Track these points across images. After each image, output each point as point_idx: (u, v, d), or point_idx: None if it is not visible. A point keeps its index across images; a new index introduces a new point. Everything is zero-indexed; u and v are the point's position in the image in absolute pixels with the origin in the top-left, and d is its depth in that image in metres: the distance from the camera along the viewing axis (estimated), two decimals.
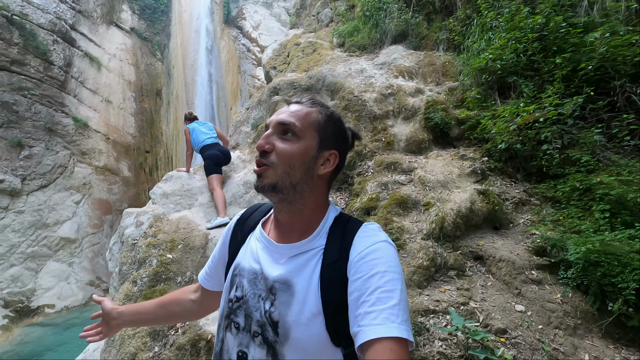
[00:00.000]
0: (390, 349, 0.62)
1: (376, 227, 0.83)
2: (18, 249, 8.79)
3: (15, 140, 9.14)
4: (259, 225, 0.94)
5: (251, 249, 0.89)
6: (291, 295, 0.76)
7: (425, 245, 2.78)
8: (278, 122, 0.82)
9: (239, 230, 0.98)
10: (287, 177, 0.79)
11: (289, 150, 0.80)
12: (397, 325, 0.64)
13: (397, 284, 0.70)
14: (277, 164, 0.79)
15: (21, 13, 9.80)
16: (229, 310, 0.85)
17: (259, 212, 1.00)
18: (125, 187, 11.86)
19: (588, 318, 2.25)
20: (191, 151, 4.61)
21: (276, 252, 0.83)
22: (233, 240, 0.98)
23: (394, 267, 0.72)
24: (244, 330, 0.80)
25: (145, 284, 3.20)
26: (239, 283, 0.85)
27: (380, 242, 0.76)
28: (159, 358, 2.67)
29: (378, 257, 0.73)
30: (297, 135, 0.81)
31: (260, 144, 0.81)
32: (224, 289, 0.90)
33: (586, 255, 2.27)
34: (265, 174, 0.80)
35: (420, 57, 5.75)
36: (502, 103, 3.93)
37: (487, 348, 1.98)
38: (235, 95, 14.25)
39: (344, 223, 0.85)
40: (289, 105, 0.87)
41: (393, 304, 0.66)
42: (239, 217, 1.02)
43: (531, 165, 3.37)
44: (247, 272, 0.85)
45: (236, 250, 0.93)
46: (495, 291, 2.49)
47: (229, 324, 0.84)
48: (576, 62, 3.36)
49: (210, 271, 1.04)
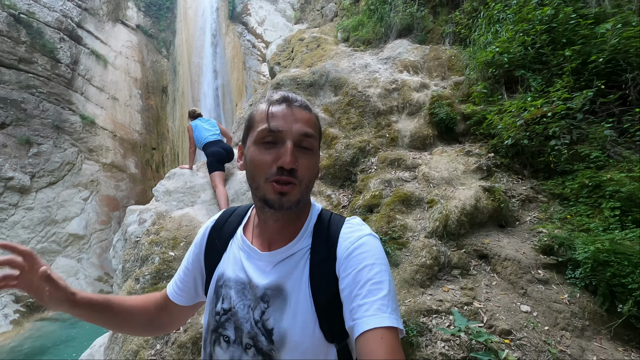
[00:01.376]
0: (381, 337, 0.63)
1: (358, 221, 0.83)
2: (28, 245, 8.92)
3: (24, 137, 9.27)
4: (239, 232, 0.89)
5: (234, 257, 0.85)
6: (284, 299, 0.75)
7: (428, 244, 2.73)
8: (300, 134, 0.75)
9: (216, 238, 0.92)
10: (307, 191, 0.78)
11: (312, 167, 0.78)
12: (387, 315, 0.65)
13: (385, 275, 0.71)
14: (303, 180, 0.75)
15: (28, 11, 9.87)
16: (216, 323, 0.81)
17: (235, 216, 0.95)
18: (132, 184, 11.95)
19: (596, 319, 2.18)
20: (194, 148, 4.60)
21: (262, 262, 0.80)
22: (210, 248, 0.92)
23: (381, 259, 0.73)
24: (234, 343, 0.78)
25: (148, 281, 3.20)
26: (225, 294, 0.81)
27: (365, 236, 0.77)
28: (161, 356, 2.67)
29: (365, 250, 0.74)
30: (314, 147, 0.78)
31: (290, 162, 0.72)
32: (208, 301, 0.86)
33: (595, 254, 2.20)
34: (291, 192, 0.74)
35: (426, 51, 5.64)
36: (509, 97, 3.84)
37: (491, 350, 1.93)
38: (241, 92, 14.23)
39: (327, 220, 0.84)
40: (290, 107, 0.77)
41: (383, 294, 0.68)
42: (213, 223, 0.96)
43: (538, 162, 3.28)
44: (234, 282, 0.82)
45: (216, 259, 0.88)
46: (500, 291, 2.43)
47: (217, 337, 0.81)
48: (586, 54, 3.25)
49: (182, 284, 0.94)
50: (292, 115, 0.76)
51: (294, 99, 0.79)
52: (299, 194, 0.75)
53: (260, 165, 0.74)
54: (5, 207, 8.74)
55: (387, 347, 0.62)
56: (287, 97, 0.79)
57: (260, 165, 0.74)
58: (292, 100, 0.78)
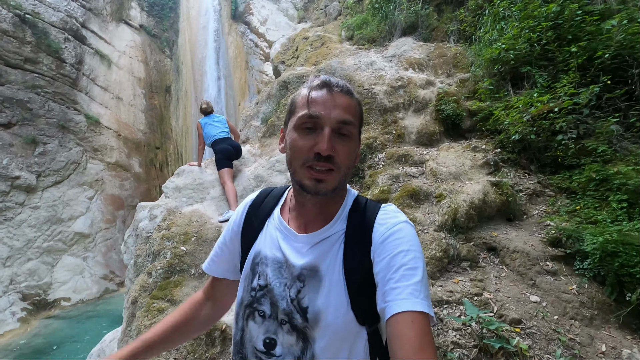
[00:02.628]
0: (412, 320, 0.64)
1: (394, 208, 0.85)
2: (34, 244, 9.00)
3: (30, 137, 9.34)
4: (276, 212, 0.92)
5: (271, 236, 0.88)
6: (319, 280, 0.78)
7: (437, 237, 2.77)
8: (338, 121, 0.75)
9: (253, 216, 0.95)
10: (345, 177, 0.79)
11: (350, 153, 0.78)
12: (420, 300, 0.66)
13: (419, 262, 0.72)
14: (341, 166, 0.76)
15: (33, 12, 9.95)
16: (252, 298, 0.84)
17: (271, 198, 0.97)
18: (136, 183, 12.02)
19: (605, 309, 2.22)
20: (203, 145, 4.65)
21: (299, 243, 0.83)
22: (247, 226, 0.95)
23: (416, 246, 0.75)
24: (270, 318, 0.81)
25: (160, 275, 3.26)
26: (261, 271, 0.84)
27: (401, 223, 0.78)
28: (175, 348, 2.72)
29: (400, 237, 0.75)
30: (353, 134, 0.79)
31: (327, 149, 0.73)
32: (244, 277, 0.89)
33: (603, 245, 2.24)
34: (328, 178, 0.75)
35: (431, 48, 5.68)
36: (515, 94, 3.87)
37: (502, 338, 1.97)
38: (243, 91, 14.28)
39: (363, 206, 0.86)
40: (330, 92, 0.78)
41: (416, 280, 0.69)
42: (251, 202, 0.99)
43: (545, 156, 3.32)
44: (271, 260, 0.84)
45: (253, 236, 0.91)
46: (510, 282, 2.47)
47: (251, 312, 0.84)
48: (592, 50, 3.29)
49: (218, 259, 0.99)
50: (331, 101, 0.76)
51: (335, 83, 0.79)
52: (336, 180, 0.76)
53: (298, 150, 0.76)
54: (12, 206, 8.81)
55: (417, 331, 0.63)
56: (329, 81, 0.79)
57: (298, 150, 0.76)
58: (333, 85, 0.78)
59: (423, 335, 0.63)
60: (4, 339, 7.44)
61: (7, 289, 8.26)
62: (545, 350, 1.98)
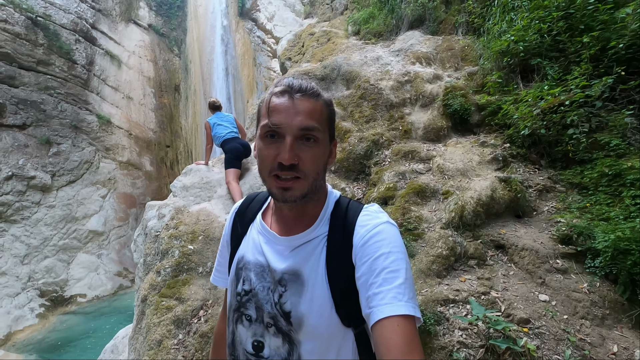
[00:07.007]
0: (397, 324, 0.64)
1: (376, 208, 0.84)
2: (51, 242, 9.24)
3: (44, 138, 9.55)
4: (258, 216, 0.93)
5: (254, 241, 0.89)
6: (301, 284, 0.78)
7: (444, 235, 2.74)
8: (300, 129, 0.73)
9: (238, 222, 0.96)
10: (314, 182, 0.78)
11: (317, 158, 0.76)
12: (404, 303, 0.66)
13: (401, 263, 0.71)
14: (308, 173, 0.75)
15: (44, 14, 10.11)
16: (238, 303, 0.86)
17: (256, 202, 0.98)
18: (148, 182, 12.20)
19: (617, 308, 2.16)
20: (211, 145, 4.67)
21: (280, 246, 0.83)
22: (234, 232, 0.96)
23: (398, 247, 0.73)
24: (256, 321, 0.82)
25: (169, 274, 3.30)
26: (245, 276, 0.85)
27: (382, 224, 0.77)
28: (183, 345, 2.76)
29: (381, 238, 0.74)
30: (319, 138, 0.76)
31: (288, 159, 0.72)
32: (230, 282, 0.90)
33: (616, 243, 2.17)
34: (295, 186, 0.75)
35: (438, 42, 5.58)
36: (525, 87, 3.78)
37: (509, 338, 1.94)
38: (252, 88, 14.31)
39: (345, 207, 0.85)
40: (291, 98, 0.75)
41: (399, 283, 0.68)
42: (237, 208, 1.00)
43: (556, 151, 3.24)
44: (253, 265, 0.85)
45: (238, 242, 0.93)
46: (518, 280, 2.43)
47: (239, 316, 0.85)
48: (605, 40, 3.18)
49: (221, 267, 1.02)
50: (293, 108, 0.74)
51: (298, 87, 0.76)
52: (304, 187, 0.75)
53: (264, 160, 0.76)
54: (28, 205, 9.05)
55: (403, 334, 0.63)
56: (290, 86, 0.76)
57: (264, 159, 0.76)
58: (295, 89, 0.75)
59: (409, 339, 0.63)
60: (24, 334, 7.68)
61: (25, 286, 8.51)
62: (554, 351, 1.94)
